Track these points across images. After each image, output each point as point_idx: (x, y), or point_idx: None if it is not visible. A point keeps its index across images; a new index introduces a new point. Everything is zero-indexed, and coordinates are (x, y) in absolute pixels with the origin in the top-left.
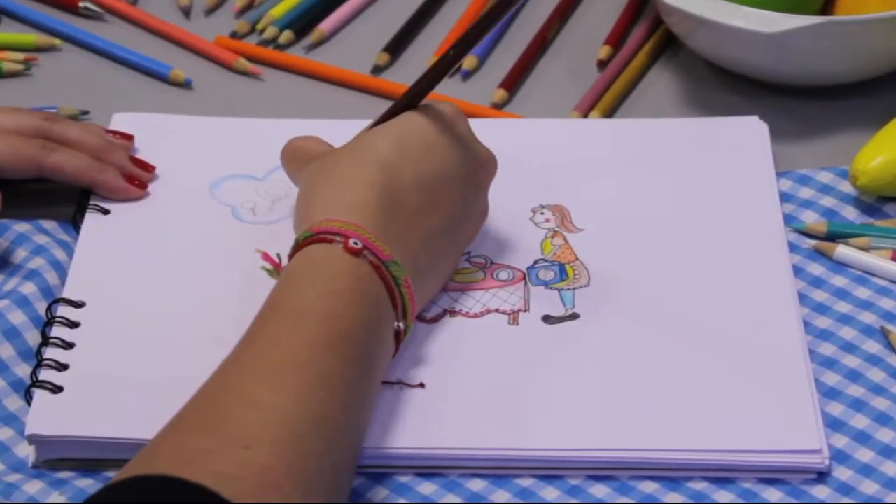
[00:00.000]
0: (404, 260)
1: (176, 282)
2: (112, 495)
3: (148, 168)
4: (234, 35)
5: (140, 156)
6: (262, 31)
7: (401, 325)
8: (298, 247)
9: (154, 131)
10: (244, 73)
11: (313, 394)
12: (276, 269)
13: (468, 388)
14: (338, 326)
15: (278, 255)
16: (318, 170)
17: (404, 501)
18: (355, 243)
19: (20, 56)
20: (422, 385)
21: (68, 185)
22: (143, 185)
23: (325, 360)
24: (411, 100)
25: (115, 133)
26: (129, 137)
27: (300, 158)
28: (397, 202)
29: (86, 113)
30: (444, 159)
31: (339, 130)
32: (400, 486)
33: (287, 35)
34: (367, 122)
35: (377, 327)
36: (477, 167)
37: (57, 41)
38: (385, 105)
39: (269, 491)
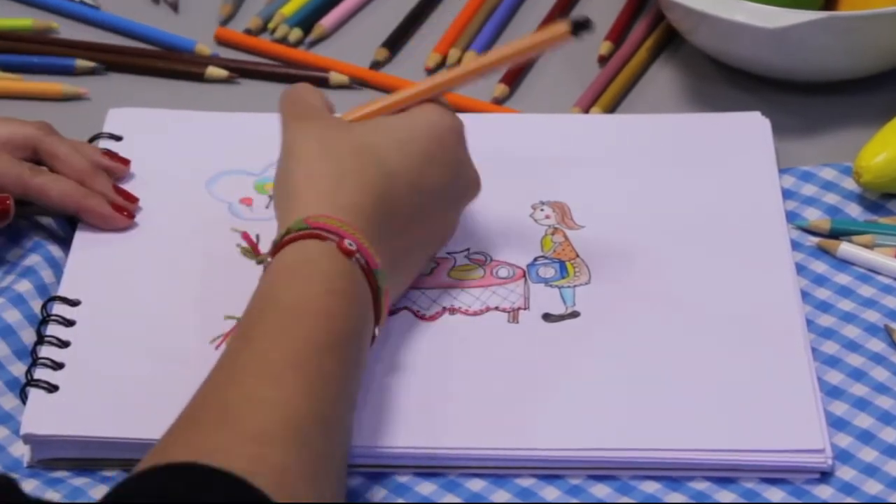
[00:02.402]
0: (387, 270)
1: (172, 279)
2: (134, 486)
3: (131, 199)
4: (248, 32)
5: (136, 152)
6: (274, 29)
7: (377, 331)
8: (290, 237)
9: (149, 127)
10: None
11: (316, 393)
12: (252, 250)
13: (468, 386)
14: (334, 325)
15: (257, 237)
16: (316, 151)
17: (403, 501)
18: (350, 244)
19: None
20: None
21: (52, 209)
22: (130, 215)
23: (324, 358)
24: (429, 93)
25: (110, 156)
26: (126, 162)
27: (296, 106)
28: (389, 213)
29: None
30: (438, 176)
31: None
32: (399, 486)
33: (296, 33)
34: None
35: (365, 330)
36: (464, 190)
37: (54, 24)
38: None
39: (285, 489)
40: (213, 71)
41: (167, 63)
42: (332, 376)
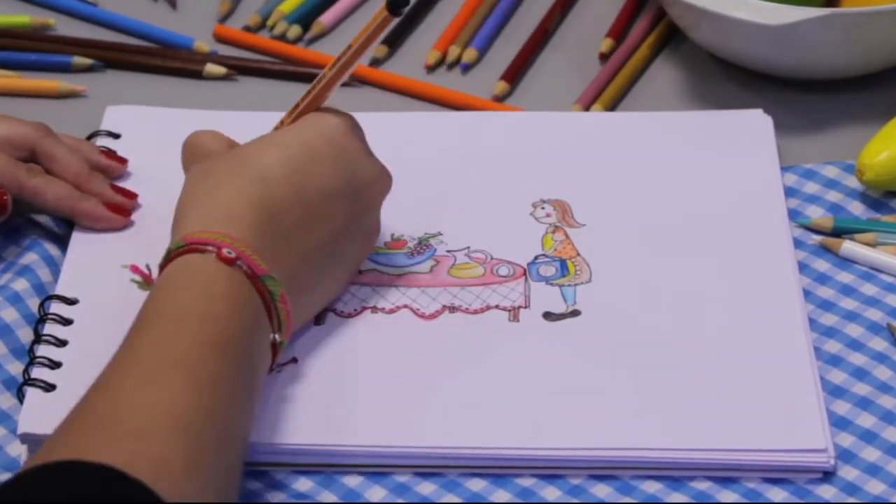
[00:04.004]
0: (281, 275)
1: None
2: (12, 487)
3: (130, 196)
4: (247, 29)
5: (133, 150)
6: (273, 26)
7: (276, 337)
8: (171, 257)
9: (147, 124)
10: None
11: (202, 391)
12: (146, 281)
13: (468, 385)
14: (219, 327)
15: (147, 267)
16: (199, 176)
17: (403, 501)
18: (228, 252)
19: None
20: (294, 360)
21: (47, 210)
22: (126, 213)
23: (210, 358)
24: (312, 101)
25: (108, 155)
26: (123, 161)
27: (194, 154)
28: (274, 217)
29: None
30: (329, 175)
31: None
32: (399, 486)
33: (295, 30)
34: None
35: (258, 333)
36: (366, 184)
37: (51, 20)
38: (383, 98)
39: (165, 480)
40: (211, 68)
41: (165, 60)
42: (220, 375)
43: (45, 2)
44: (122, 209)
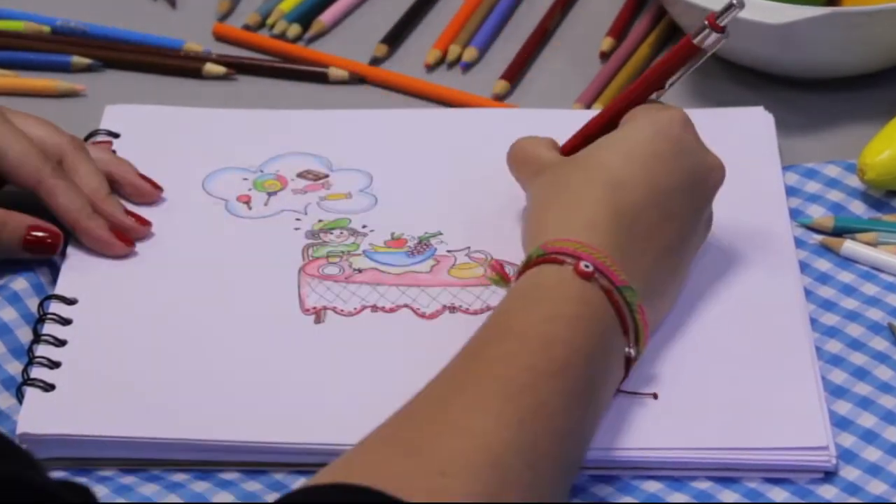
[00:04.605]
0: (637, 282)
1: (168, 278)
2: (301, 498)
3: (143, 223)
4: (246, 28)
5: (133, 149)
6: (272, 25)
7: (632, 351)
8: (530, 264)
9: (147, 123)
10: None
11: (525, 424)
12: (502, 279)
13: None
14: (560, 353)
15: (502, 265)
16: (549, 184)
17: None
18: (586, 266)
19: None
20: (654, 395)
21: (54, 214)
22: (130, 242)
23: (542, 388)
24: (637, 98)
25: (145, 178)
26: (158, 188)
27: (530, 165)
28: (629, 221)
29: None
30: (674, 172)
31: (337, 122)
32: None
33: (295, 29)
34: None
35: (602, 356)
36: (704, 177)
37: (46, 28)
38: (383, 97)
39: None
40: (210, 67)
41: (164, 59)
42: (547, 405)
43: (36, 18)
44: (126, 238)
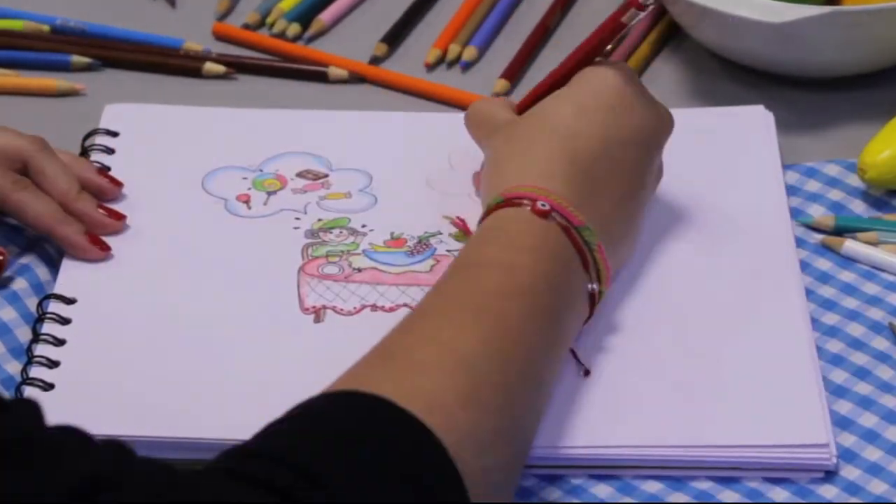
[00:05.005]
0: (597, 226)
1: (167, 278)
2: (309, 407)
3: (118, 217)
4: (246, 27)
5: (132, 148)
6: (272, 24)
7: (595, 286)
8: (489, 212)
9: (146, 122)
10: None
11: (491, 336)
12: (464, 233)
13: None
14: (519, 278)
15: (464, 221)
16: (506, 140)
17: None
18: (542, 205)
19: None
20: (587, 372)
21: (28, 227)
22: (105, 248)
23: (507, 306)
24: (582, 59)
25: (104, 174)
26: (118, 184)
27: (486, 124)
28: (585, 170)
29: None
30: (626, 122)
31: (338, 121)
32: None
33: (295, 28)
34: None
35: (565, 286)
36: (653, 128)
37: (45, 27)
38: (383, 96)
39: (436, 412)
40: (210, 66)
41: (164, 59)
42: (510, 320)
43: (36, 17)
44: (102, 242)
